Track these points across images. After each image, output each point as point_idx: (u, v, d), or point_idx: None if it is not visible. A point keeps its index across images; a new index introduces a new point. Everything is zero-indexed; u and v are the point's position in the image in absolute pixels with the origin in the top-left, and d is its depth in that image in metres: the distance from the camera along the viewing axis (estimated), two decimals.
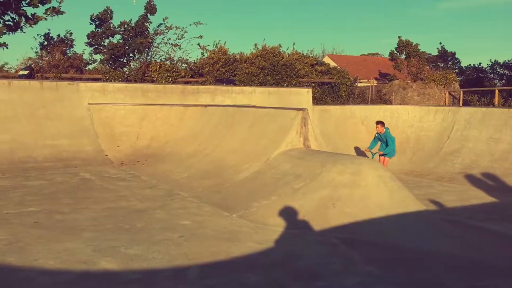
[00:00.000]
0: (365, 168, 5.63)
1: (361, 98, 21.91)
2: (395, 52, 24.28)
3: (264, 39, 27.17)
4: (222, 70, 18.00)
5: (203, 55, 19.10)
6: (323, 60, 27.75)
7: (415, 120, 12.45)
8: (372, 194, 5.36)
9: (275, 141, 7.32)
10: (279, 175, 6.41)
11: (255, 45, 19.98)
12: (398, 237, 4.75)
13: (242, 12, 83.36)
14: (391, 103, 21.17)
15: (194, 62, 19.04)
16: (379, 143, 10.45)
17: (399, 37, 23.97)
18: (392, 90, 22.28)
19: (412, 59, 23.09)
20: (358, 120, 12.93)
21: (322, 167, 5.89)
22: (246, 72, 18.22)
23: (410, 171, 10.64)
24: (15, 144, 9.25)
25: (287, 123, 7.42)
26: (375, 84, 24.79)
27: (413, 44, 23.77)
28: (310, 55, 21.19)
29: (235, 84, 16.32)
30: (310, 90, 14.89)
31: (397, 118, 12.72)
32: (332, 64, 25.87)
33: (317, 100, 19.04)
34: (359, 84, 23.91)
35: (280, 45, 19.97)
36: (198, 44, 19.03)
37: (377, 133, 10.42)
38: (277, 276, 3.70)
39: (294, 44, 56.03)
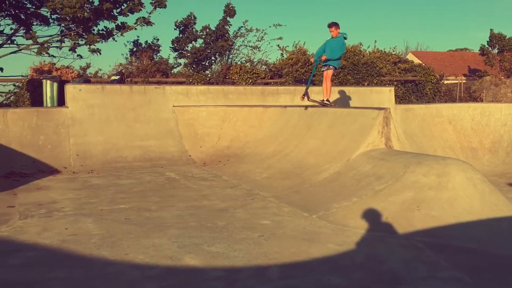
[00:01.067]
0: (452, 170, 5.35)
1: (448, 96, 20.80)
2: (487, 46, 22.78)
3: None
4: (301, 70, 17.96)
5: (283, 56, 19.18)
6: (406, 57, 26.72)
7: (509, 118, 11.60)
8: (460, 197, 5.08)
9: (356, 141, 7.18)
10: (359, 176, 6.28)
11: None
12: (491, 243, 4.46)
13: (321, 12, 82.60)
14: (481, 100, 19.89)
15: (274, 63, 19.19)
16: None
17: (491, 30, 22.46)
18: (482, 87, 20.92)
19: (505, 53, 21.52)
20: (444, 119, 12.30)
21: (405, 168, 5.69)
22: None
23: (503, 173, 9.93)
24: (108, 145, 9.89)
25: (368, 123, 7.25)
26: (464, 81, 23.41)
27: (507, 38, 22.15)
28: (393, 53, 20.50)
29: (314, 84, 16.22)
30: (392, 88, 14.41)
31: (488, 117, 11.93)
32: (416, 61, 24.83)
33: (400, 99, 18.37)
34: (445, 82, 22.72)
35: (360, 44, 19.52)
36: (278, 45, 19.18)
37: (329, 39, 9.45)
38: (359, 279, 3.63)
39: (375, 42, 55.34)
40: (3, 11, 16.51)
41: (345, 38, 9.39)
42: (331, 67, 9.42)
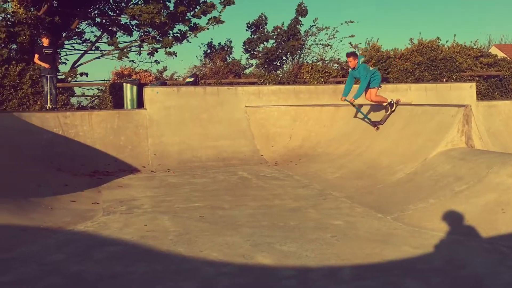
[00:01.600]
0: None
1: None
2: None
3: (420, 33, 25.61)
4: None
5: None
6: (489, 51, 25.16)
7: None
8: None
9: (433, 140, 6.88)
10: (437, 176, 6.01)
11: (411, 40, 18.96)
12: None
13: (396, 7, 79.89)
14: None
15: (346, 62, 18.88)
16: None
17: None
18: None
19: None
20: None
21: (488, 168, 5.37)
22: (401, 69, 17.44)
23: None
24: (183, 145, 10.25)
25: (446, 121, 6.92)
26: None
27: None
28: (474, 47, 19.38)
29: (388, 82, 15.74)
30: (473, 84, 13.64)
31: None
32: (501, 54, 23.27)
33: (482, 95, 17.33)
34: None
35: (438, 38, 18.65)
36: (350, 43, 18.82)
37: (350, 69, 8.63)
38: (437, 283, 3.47)
39: (454, 36, 52.19)
40: (88, 19, 17.62)
41: (364, 62, 8.53)
42: (370, 88, 8.52)
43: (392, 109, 8.50)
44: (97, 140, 9.83)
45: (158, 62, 18.37)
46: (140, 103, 12.28)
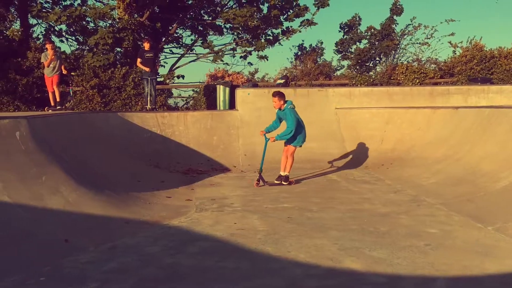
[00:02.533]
0: None
1: None
2: None
3: None
4: (476, 68, 16.43)
5: (455, 54, 17.80)
6: None
7: None
8: None
9: None
10: None
11: None
12: None
13: (502, 3, 74.09)
14: None
15: (444, 62, 17.92)
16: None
17: None
18: None
19: None
20: None
21: None
22: (506, 69, 16.19)
23: None
24: (273, 146, 10.33)
25: None
26: None
27: None
28: None
29: (492, 83, 14.67)
30: None
31: None
32: None
33: None
34: None
35: None
36: (449, 42, 17.83)
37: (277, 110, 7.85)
38: None
39: None
40: (185, 24, 18.48)
41: (292, 108, 7.70)
42: (289, 144, 7.79)
43: (284, 183, 7.69)
44: (192, 139, 10.28)
45: (251, 65, 18.78)
46: (232, 104, 12.64)
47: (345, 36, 18.90)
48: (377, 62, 18.48)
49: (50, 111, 10.93)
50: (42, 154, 5.83)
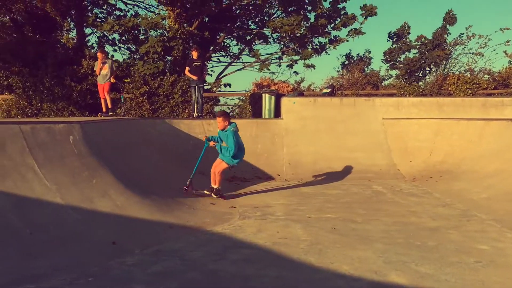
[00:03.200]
0: None
1: None
2: None
3: None
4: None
5: (510, 64, 17.09)
6: None
7: None
8: None
9: None
10: None
11: None
12: None
13: None
14: None
15: (499, 72, 17.24)
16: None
17: None
18: None
19: None
20: None
21: None
22: None
23: None
24: (317, 155, 10.29)
25: None
26: None
27: None
28: None
29: None
30: None
31: None
32: None
33: None
34: None
35: None
36: (505, 52, 17.17)
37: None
38: None
39: None
40: (233, 33, 18.74)
41: (235, 131, 7.24)
42: (222, 160, 7.39)
43: (212, 195, 7.26)
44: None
45: (297, 74, 18.78)
46: (277, 113, 12.67)
47: (393, 45, 18.57)
48: (427, 72, 18.03)
49: (102, 117, 11.34)
50: (93, 158, 6.05)
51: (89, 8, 18.04)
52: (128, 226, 5.23)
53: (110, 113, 11.73)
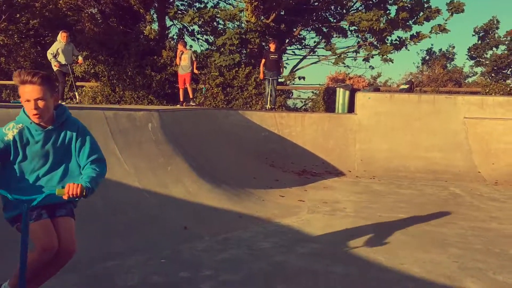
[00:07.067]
0: None
1: None
2: None
3: None
4: None
5: None
6: None
7: None
8: None
9: None
10: None
11: None
12: None
13: None
14: None
15: None
16: None
17: None
18: None
19: None
20: None
21: None
22: None
23: None
24: (391, 153, 9.99)
25: None
26: None
27: None
28: None
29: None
30: None
31: None
32: None
33: None
34: None
35: None
36: None
37: None
38: None
39: None
40: (309, 25, 18.59)
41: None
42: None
43: None
44: (308, 141, 10.31)
45: (373, 68, 18.32)
46: (351, 108, 12.42)
47: (480, 41, 17.51)
48: None
49: (184, 105, 11.75)
50: (169, 145, 6.29)
51: (171, 0, 18.68)
52: (199, 213, 5.40)
53: (192, 103, 12.12)
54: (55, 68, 10.68)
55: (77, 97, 12.09)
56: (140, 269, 3.75)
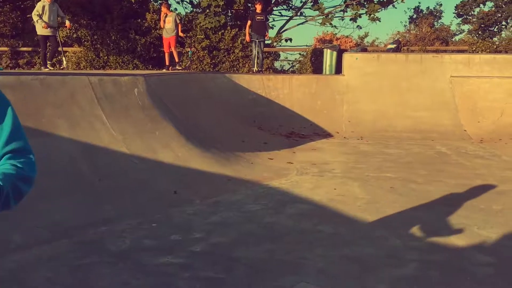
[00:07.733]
0: None
1: None
2: None
3: None
4: None
5: None
6: None
7: None
8: None
9: None
10: None
11: None
12: None
13: None
14: None
15: None
16: None
17: None
18: None
19: None
20: None
21: None
22: None
23: None
24: (378, 113, 10.03)
25: None
26: None
27: None
28: None
29: None
30: None
31: None
32: None
33: None
34: None
35: None
36: None
37: None
38: None
39: None
40: None
41: None
42: None
43: None
44: (295, 103, 10.29)
45: (360, 28, 18.09)
46: (338, 69, 12.36)
47: None
48: (503, 27, 16.79)
49: (170, 69, 11.57)
50: (156, 110, 6.23)
51: None
52: (189, 177, 5.41)
53: (178, 67, 11.94)
54: (39, 31, 10.31)
55: (64, 62, 11.75)
56: (131, 233, 3.78)
